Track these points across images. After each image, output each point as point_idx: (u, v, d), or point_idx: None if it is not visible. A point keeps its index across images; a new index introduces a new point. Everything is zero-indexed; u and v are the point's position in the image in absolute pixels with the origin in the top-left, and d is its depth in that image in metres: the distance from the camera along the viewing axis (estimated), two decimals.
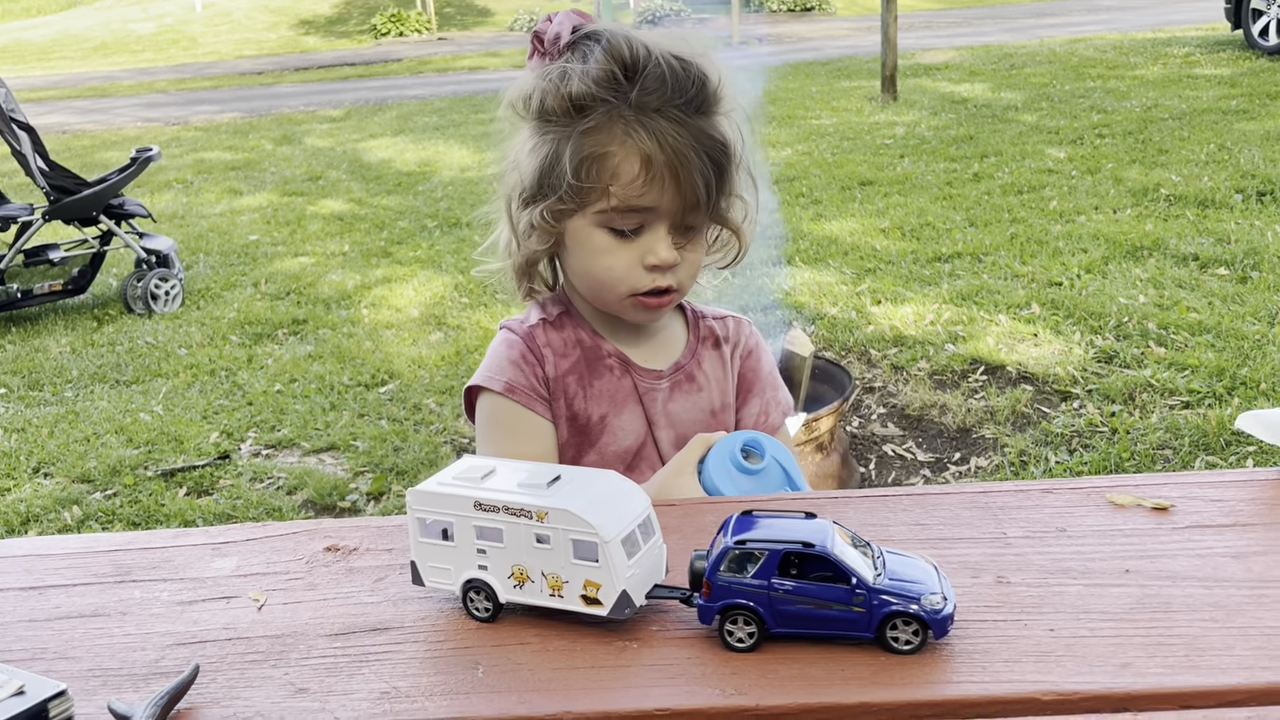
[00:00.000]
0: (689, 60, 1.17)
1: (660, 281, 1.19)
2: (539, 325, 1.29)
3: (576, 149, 1.15)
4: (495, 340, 1.31)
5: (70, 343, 5.05)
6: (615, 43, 1.16)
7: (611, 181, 1.15)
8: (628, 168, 1.14)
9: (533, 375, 1.26)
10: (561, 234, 1.21)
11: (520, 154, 1.23)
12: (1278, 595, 0.77)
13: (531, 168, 1.20)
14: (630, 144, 1.14)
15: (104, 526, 3.20)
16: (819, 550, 0.73)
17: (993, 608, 0.78)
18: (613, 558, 0.75)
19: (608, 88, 1.15)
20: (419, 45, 22.27)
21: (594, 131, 1.15)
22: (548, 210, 1.19)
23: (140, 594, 0.88)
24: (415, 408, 3.93)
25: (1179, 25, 13.51)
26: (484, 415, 1.27)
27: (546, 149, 1.18)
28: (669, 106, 1.14)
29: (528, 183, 1.21)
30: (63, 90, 18.30)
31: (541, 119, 1.19)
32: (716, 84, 1.18)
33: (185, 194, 8.49)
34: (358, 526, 0.97)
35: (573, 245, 1.22)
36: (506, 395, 1.25)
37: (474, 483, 0.80)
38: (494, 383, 1.26)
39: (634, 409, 1.28)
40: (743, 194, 1.25)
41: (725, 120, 1.19)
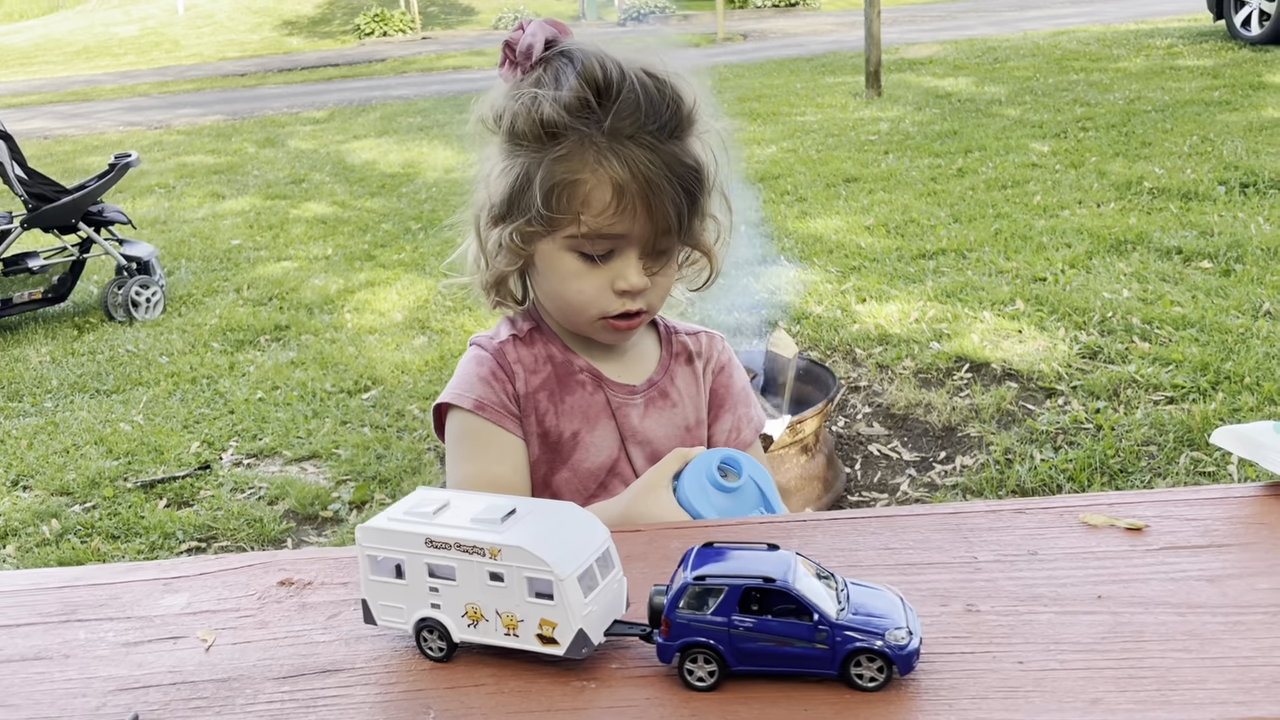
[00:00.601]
0: (663, 81, 1.14)
1: (630, 305, 1.18)
2: (509, 341, 1.27)
3: (547, 175, 1.13)
4: (465, 357, 1.29)
5: (50, 352, 5.01)
6: (589, 65, 1.13)
7: (582, 209, 1.13)
8: (599, 196, 1.12)
9: (502, 392, 1.24)
10: (530, 255, 1.19)
11: (490, 172, 1.20)
12: (1252, 622, 0.75)
13: (501, 188, 1.18)
14: (602, 172, 1.11)
15: (83, 540, 3.17)
16: (780, 585, 0.71)
17: (961, 639, 0.75)
18: (568, 596, 0.73)
19: (580, 114, 1.12)
20: (403, 45, 22.19)
21: (565, 159, 1.12)
22: (517, 232, 1.16)
23: (85, 634, 0.85)
24: (398, 414, 3.90)
25: (1161, 16, 13.53)
26: (453, 433, 1.25)
27: (517, 171, 1.16)
28: (642, 132, 1.12)
29: (497, 202, 1.18)
30: (44, 95, 18.18)
31: (512, 139, 1.17)
32: (691, 106, 1.16)
33: (167, 199, 8.43)
34: (314, 559, 0.94)
35: (542, 267, 1.20)
36: (476, 413, 1.22)
37: (426, 518, 0.78)
38: (463, 400, 1.23)
39: (607, 425, 1.25)
40: (715, 214, 1.23)
41: (699, 142, 1.17)
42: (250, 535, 3.14)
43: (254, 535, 3.14)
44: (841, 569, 0.85)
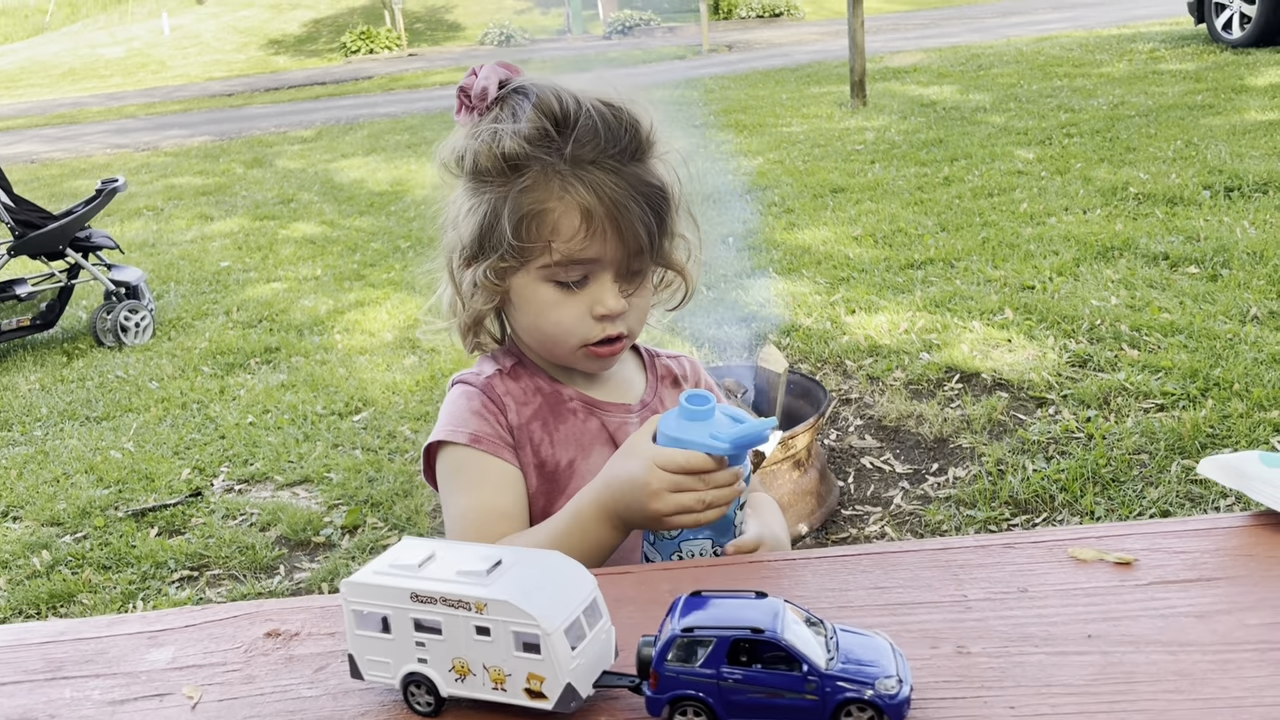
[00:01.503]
0: (619, 108, 1.16)
1: (610, 330, 1.18)
2: (495, 376, 1.26)
3: (515, 208, 1.14)
4: (451, 395, 1.28)
5: (39, 379, 4.98)
6: (544, 97, 1.15)
7: (552, 237, 1.14)
8: (568, 222, 1.13)
9: (497, 424, 1.22)
10: (506, 291, 1.19)
11: (458, 214, 1.21)
12: (1242, 660, 0.74)
13: (470, 228, 1.18)
14: (568, 199, 1.13)
15: (74, 571, 3.15)
16: (769, 636, 0.71)
17: (952, 683, 0.75)
18: (556, 650, 0.72)
19: (540, 144, 1.14)
20: (389, 62, 22.22)
21: (530, 189, 1.14)
22: (490, 269, 1.17)
23: (71, 693, 0.85)
24: (389, 435, 3.89)
25: (1143, 21, 13.61)
26: (448, 468, 1.23)
27: (484, 209, 1.17)
28: (603, 157, 1.13)
29: (467, 242, 1.19)
30: (31, 119, 18.14)
31: (476, 178, 1.18)
32: (649, 129, 1.17)
33: (155, 221, 8.41)
34: (300, 608, 0.94)
35: (519, 302, 1.20)
36: (472, 446, 1.20)
37: (411, 571, 0.77)
38: (457, 435, 1.21)
39: (603, 450, 1.24)
40: (684, 233, 1.24)
41: (660, 163, 1.19)
42: (242, 563, 3.12)
43: (246, 563, 3.12)
44: (832, 610, 0.85)
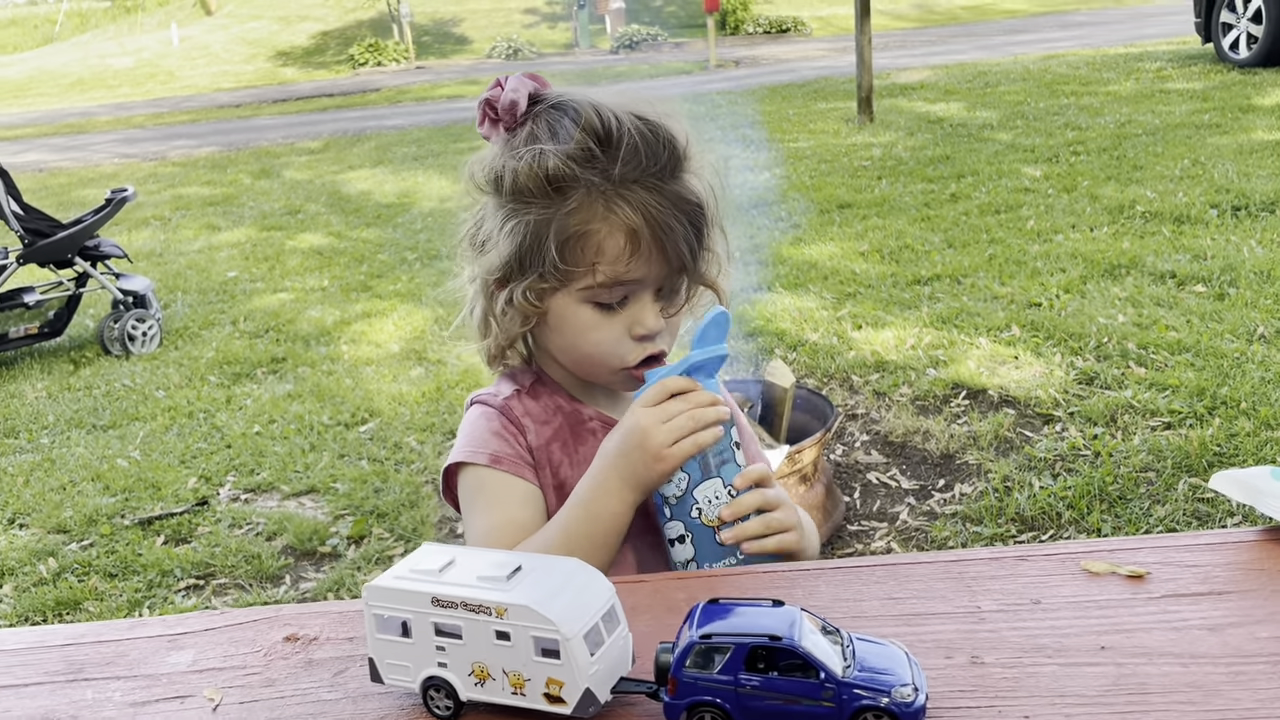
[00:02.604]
0: (655, 124, 1.14)
1: (650, 349, 1.17)
2: (514, 396, 1.25)
3: (560, 229, 1.12)
4: (469, 416, 1.26)
5: (46, 387, 5.00)
6: (587, 114, 1.12)
7: (597, 259, 1.12)
8: (613, 244, 1.11)
9: (516, 444, 1.21)
10: (544, 313, 1.18)
11: (491, 232, 1.18)
12: (1254, 672, 0.75)
13: (508, 248, 1.15)
14: (614, 220, 1.11)
15: (80, 579, 3.15)
16: (786, 644, 0.71)
17: (966, 693, 0.76)
18: (575, 655, 0.73)
19: (585, 164, 1.11)
20: (397, 75, 22.33)
21: (576, 210, 1.12)
22: (529, 289, 1.15)
23: (92, 694, 0.85)
24: (396, 446, 3.90)
25: (1151, 40, 13.66)
26: (469, 488, 1.22)
27: (524, 230, 1.14)
28: (646, 176, 1.12)
29: (505, 263, 1.16)
30: (39, 128, 18.24)
31: (515, 197, 1.15)
32: (684, 144, 1.16)
33: (163, 231, 8.45)
34: (318, 613, 0.95)
35: (556, 323, 1.18)
36: (493, 467, 1.19)
37: (431, 576, 0.78)
38: (477, 456, 1.20)
39: None
40: (714, 248, 1.23)
41: (696, 178, 1.17)
42: (248, 572, 3.13)
43: (252, 572, 3.13)
44: (845, 620, 0.86)
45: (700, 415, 1.07)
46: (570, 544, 1.09)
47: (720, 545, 1.08)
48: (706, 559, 1.08)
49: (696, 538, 1.09)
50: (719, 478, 1.09)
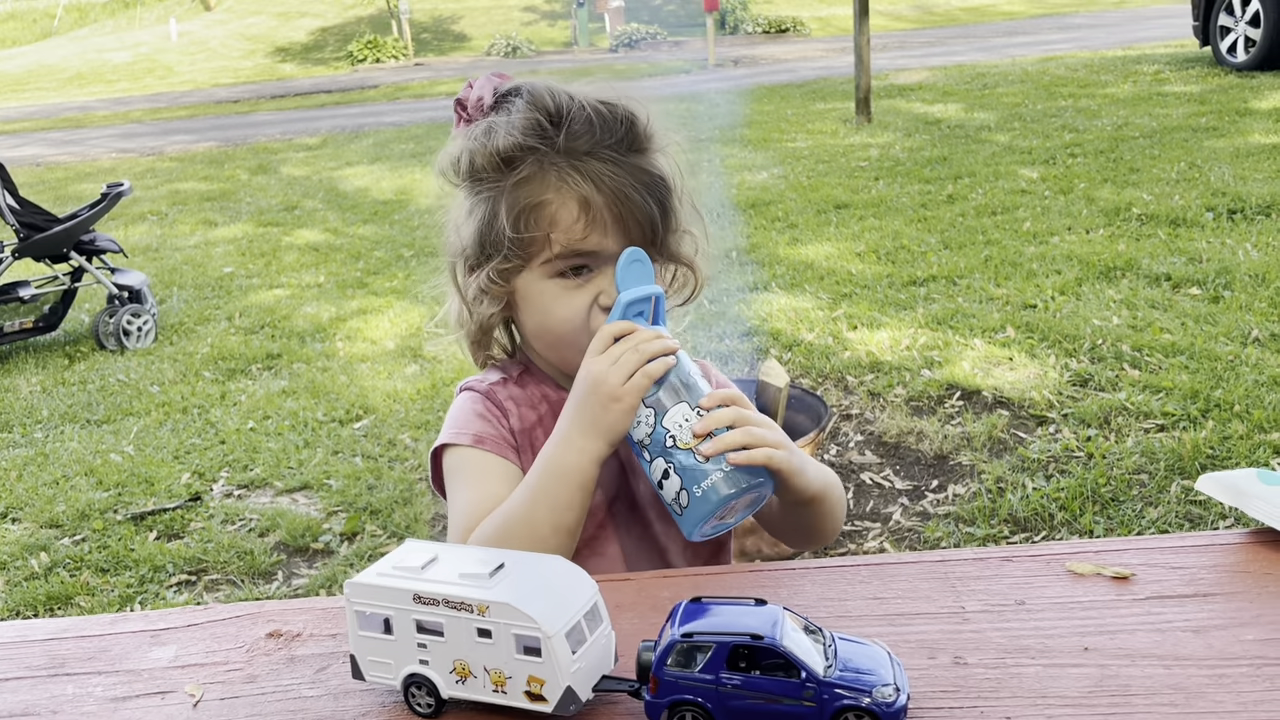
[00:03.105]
0: (614, 103, 1.16)
1: None
2: (500, 383, 1.26)
3: (512, 202, 1.14)
4: (456, 401, 1.28)
5: (41, 381, 4.99)
6: (537, 93, 1.16)
7: (551, 229, 1.13)
8: (566, 213, 1.13)
9: (500, 425, 1.23)
10: (512, 294, 1.19)
11: (458, 219, 1.21)
12: (1237, 675, 0.75)
13: (471, 230, 1.18)
14: (565, 189, 1.12)
15: (72, 574, 3.15)
16: (768, 643, 0.71)
17: (949, 693, 0.76)
18: (556, 653, 0.73)
19: (535, 135, 1.14)
20: (396, 71, 22.30)
21: (527, 182, 1.14)
22: (494, 271, 1.16)
23: (73, 689, 0.85)
24: (390, 443, 3.90)
25: (1148, 43, 13.67)
26: (452, 467, 1.23)
27: (483, 209, 1.17)
28: (600, 148, 1.13)
29: (469, 246, 1.19)
30: (37, 122, 18.21)
31: (473, 179, 1.18)
32: (645, 122, 1.17)
33: (160, 226, 8.43)
34: (302, 609, 0.94)
35: (524, 304, 1.19)
36: (476, 447, 1.20)
37: (414, 573, 0.78)
38: (461, 437, 1.21)
39: (610, 461, 1.24)
40: (689, 228, 1.23)
41: (661, 156, 1.18)
42: (241, 568, 3.12)
43: (244, 568, 3.12)
44: (830, 619, 0.86)
45: (645, 348, 1.05)
46: (534, 503, 1.07)
47: (703, 462, 1.01)
48: (694, 482, 1.01)
49: (679, 466, 1.02)
50: (685, 402, 1.05)
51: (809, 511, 1.13)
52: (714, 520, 1.02)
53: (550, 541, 1.05)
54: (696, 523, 1.01)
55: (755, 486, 1.02)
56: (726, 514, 1.03)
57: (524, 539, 1.04)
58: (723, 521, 1.04)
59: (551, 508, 1.05)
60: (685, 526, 1.02)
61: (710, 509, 1.00)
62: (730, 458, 1.01)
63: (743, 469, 1.01)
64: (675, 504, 1.03)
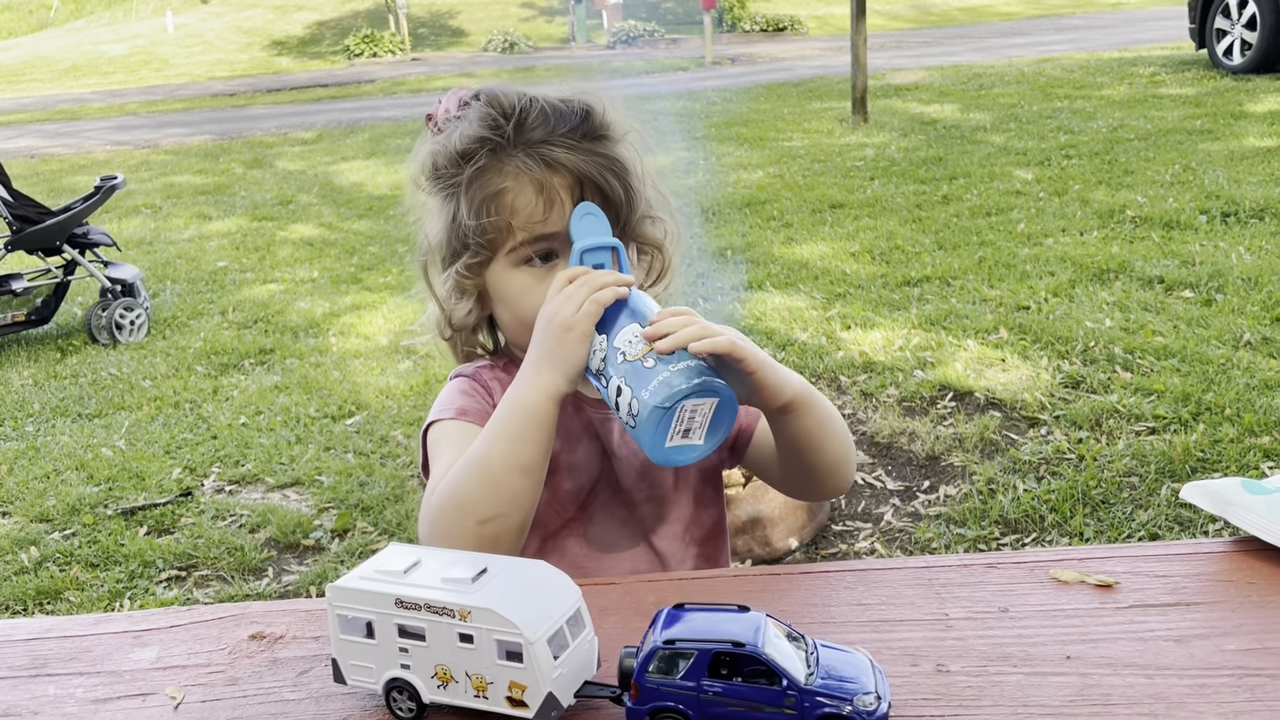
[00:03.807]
0: (570, 98, 1.19)
1: None
2: (487, 367, 1.29)
3: (472, 195, 1.17)
4: (445, 388, 1.29)
5: (32, 374, 4.98)
6: (493, 93, 1.20)
7: (512, 216, 1.16)
8: (524, 199, 1.15)
9: (484, 401, 1.24)
10: (484, 289, 1.21)
11: (427, 222, 1.24)
12: (1218, 685, 0.75)
13: (438, 229, 1.21)
14: (521, 175, 1.15)
15: (62, 568, 3.14)
16: (750, 650, 0.71)
17: (931, 700, 0.76)
18: (538, 659, 0.73)
19: (490, 128, 1.17)
20: (393, 66, 22.26)
21: (483, 172, 1.17)
22: (463, 266, 1.19)
23: (55, 690, 0.85)
24: (382, 440, 3.89)
25: (1145, 45, 13.68)
26: (435, 439, 1.23)
27: (447, 207, 1.20)
28: (555, 136, 1.16)
29: (437, 244, 1.22)
30: (32, 113, 18.15)
31: (436, 180, 1.21)
32: (601, 113, 1.20)
33: (154, 219, 8.41)
34: (285, 611, 0.94)
35: (497, 297, 1.21)
36: (459, 418, 1.22)
37: (396, 577, 0.78)
38: (445, 413, 1.23)
39: (589, 445, 1.25)
40: (659, 214, 1.25)
41: (620, 145, 1.20)
42: (231, 564, 3.12)
43: (234, 564, 3.12)
44: (814, 626, 0.86)
45: (594, 281, 1.06)
46: (491, 441, 1.06)
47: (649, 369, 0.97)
48: (640, 386, 0.97)
49: (630, 378, 0.99)
50: (635, 323, 1.03)
51: (798, 425, 1.09)
52: (675, 433, 0.96)
53: (505, 482, 1.04)
54: (653, 431, 0.96)
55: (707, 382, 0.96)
56: (690, 427, 0.97)
57: (481, 478, 1.04)
58: (688, 441, 0.98)
59: (508, 443, 1.05)
60: (644, 441, 0.97)
61: (662, 411, 0.95)
62: (692, 347, 0.97)
63: (691, 368, 0.97)
64: (630, 419, 0.99)
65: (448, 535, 1.02)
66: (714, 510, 1.28)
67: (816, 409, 1.11)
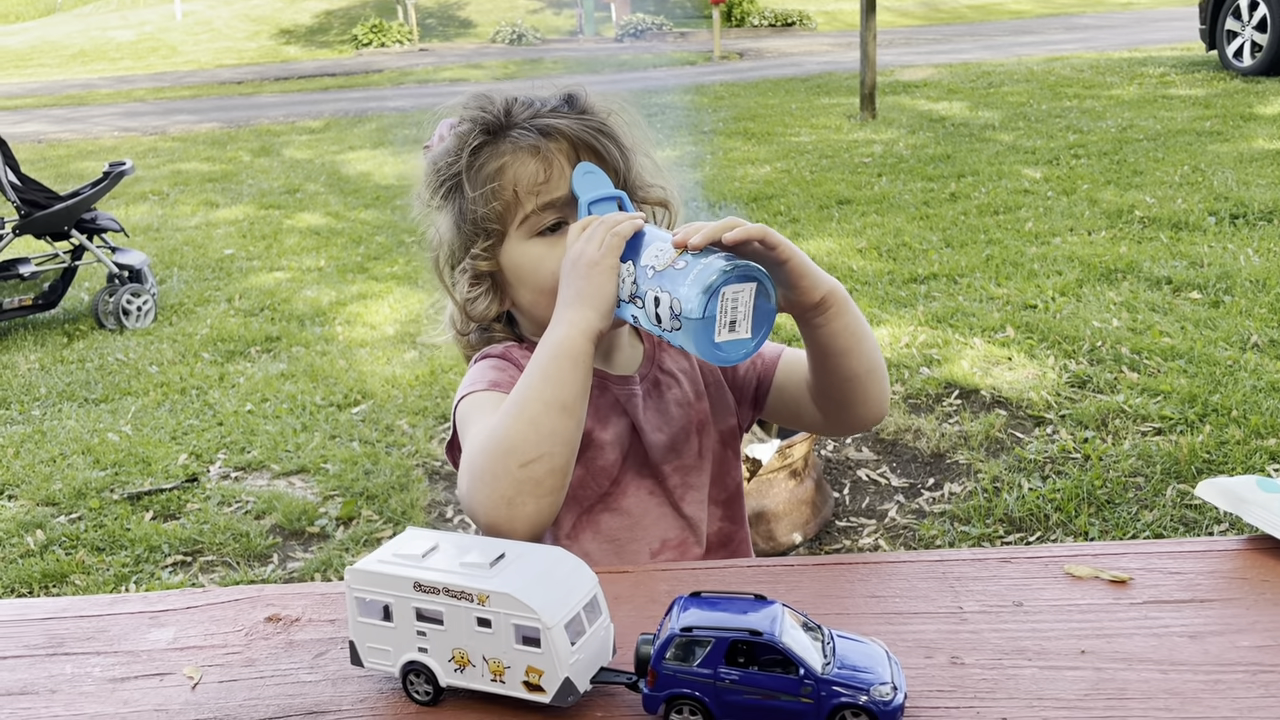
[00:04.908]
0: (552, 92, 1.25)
1: None
2: (514, 346, 1.29)
3: (474, 180, 1.20)
4: (471, 368, 1.29)
5: (39, 359, 4.99)
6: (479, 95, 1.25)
7: (517, 188, 1.19)
8: (525, 170, 1.18)
9: (514, 376, 1.22)
10: (500, 274, 1.23)
11: (436, 224, 1.27)
12: (1232, 681, 0.75)
13: (447, 226, 1.24)
14: (518, 148, 1.19)
15: (67, 552, 3.15)
16: (767, 639, 0.71)
17: (946, 692, 0.76)
18: (556, 644, 0.73)
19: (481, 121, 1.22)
20: (400, 56, 22.23)
21: (480, 152, 1.21)
22: (479, 252, 1.21)
23: (72, 669, 0.85)
24: (388, 429, 3.90)
25: (1155, 45, 13.64)
26: (465, 412, 1.21)
27: (453, 200, 1.23)
28: (542, 112, 1.21)
29: (448, 240, 1.25)
30: (40, 98, 18.15)
31: (439, 182, 1.25)
32: (583, 97, 1.25)
33: (161, 206, 8.42)
34: (301, 594, 0.94)
35: (515, 278, 1.22)
36: (491, 389, 1.21)
37: (414, 561, 0.78)
38: (477, 385, 1.22)
39: (618, 421, 1.25)
40: (656, 182, 1.28)
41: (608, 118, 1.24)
42: (236, 550, 3.13)
43: (240, 550, 3.13)
44: (828, 617, 0.86)
45: (612, 219, 1.09)
46: (527, 383, 1.06)
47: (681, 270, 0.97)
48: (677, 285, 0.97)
49: (665, 283, 0.98)
50: (658, 240, 1.04)
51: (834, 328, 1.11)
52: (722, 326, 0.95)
53: (546, 421, 1.03)
54: (700, 323, 0.94)
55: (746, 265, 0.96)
56: (735, 319, 0.96)
57: (521, 420, 1.03)
58: (735, 336, 0.97)
59: (547, 383, 1.05)
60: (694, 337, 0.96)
61: (707, 296, 0.94)
62: (726, 238, 0.97)
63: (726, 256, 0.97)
64: (674, 321, 0.97)
65: (491, 481, 1.01)
66: (735, 472, 1.31)
67: (850, 306, 1.14)
